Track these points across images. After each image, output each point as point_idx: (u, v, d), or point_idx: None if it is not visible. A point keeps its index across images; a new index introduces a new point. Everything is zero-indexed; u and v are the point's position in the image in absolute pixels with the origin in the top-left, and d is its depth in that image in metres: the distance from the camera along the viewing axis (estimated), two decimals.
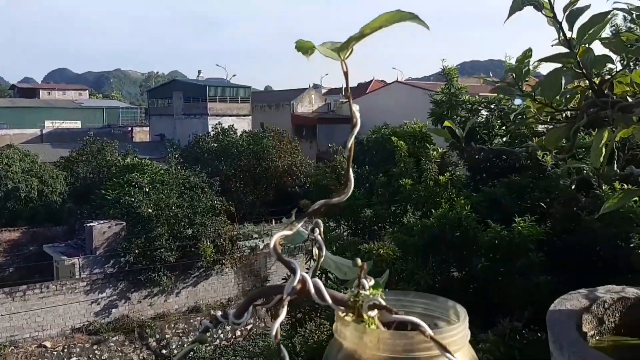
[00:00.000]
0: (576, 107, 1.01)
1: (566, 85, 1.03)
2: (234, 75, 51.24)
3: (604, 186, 4.17)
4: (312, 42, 0.59)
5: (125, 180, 22.34)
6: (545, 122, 1.10)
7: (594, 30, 1.00)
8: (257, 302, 0.65)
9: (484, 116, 8.54)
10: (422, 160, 8.01)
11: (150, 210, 20.81)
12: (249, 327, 22.37)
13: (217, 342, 20.83)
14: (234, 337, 21.69)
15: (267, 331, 21.85)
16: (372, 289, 0.57)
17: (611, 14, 0.98)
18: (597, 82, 0.97)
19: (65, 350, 18.37)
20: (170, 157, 26.49)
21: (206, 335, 0.69)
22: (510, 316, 4.72)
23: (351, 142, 0.57)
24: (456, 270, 6.09)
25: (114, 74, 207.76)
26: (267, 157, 27.93)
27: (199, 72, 42.77)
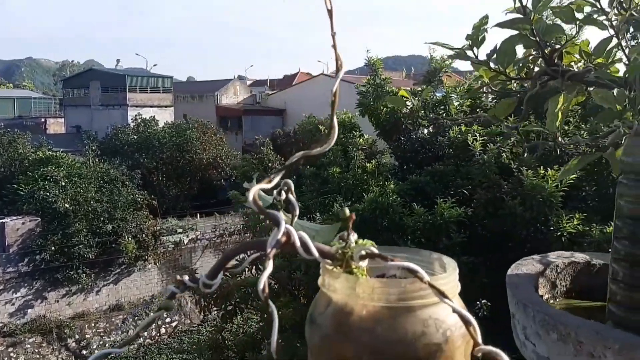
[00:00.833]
0: (528, 76, 1.04)
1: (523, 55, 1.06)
2: (155, 65, 49.77)
3: (524, 171, 4.38)
4: None
5: (39, 174, 21.19)
6: (495, 92, 1.12)
7: None
8: (232, 261, 0.61)
9: (409, 107, 8.74)
10: (350, 148, 8.11)
11: (67, 205, 19.86)
12: (174, 324, 21.89)
13: (141, 340, 20.25)
14: (158, 334, 21.16)
15: (193, 327, 21.45)
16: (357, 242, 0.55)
17: None
18: (547, 52, 1.00)
19: None
20: (87, 149, 25.34)
21: (172, 302, 0.64)
22: None
23: (336, 87, 0.54)
24: None
25: (25, 62, 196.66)
26: (190, 149, 27.31)
27: (118, 61, 41.27)
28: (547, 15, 1.06)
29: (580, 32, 0.98)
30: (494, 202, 5.53)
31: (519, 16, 1.01)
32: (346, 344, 0.49)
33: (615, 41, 1.05)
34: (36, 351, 18.45)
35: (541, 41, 1.00)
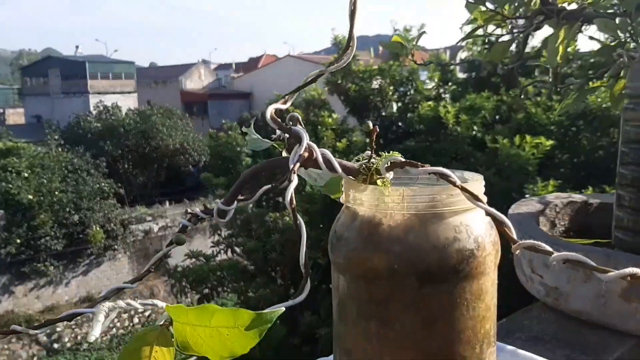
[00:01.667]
0: (524, 15, 1.04)
1: None
2: (116, 50, 48.61)
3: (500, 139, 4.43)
4: None
5: (0, 166, 20.62)
6: (489, 34, 1.12)
7: None
8: (248, 185, 0.59)
9: (378, 84, 8.74)
10: (319, 128, 8.08)
11: (30, 196, 19.41)
12: (147, 313, 21.69)
13: (114, 331, 20.03)
14: (131, 324, 20.97)
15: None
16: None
17: None
18: None
19: None
20: (49, 139, 24.70)
21: (183, 236, 0.62)
22: None
23: None
24: None
25: None
26: (156, 135, 26.87)
27: (77, 47, 40.02)
28: None
29: None
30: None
31: None
32: (377, 254, 0.48)
33: None
34: (5, 347, 18.09)
35: None
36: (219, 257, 7.34)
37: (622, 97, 0.93)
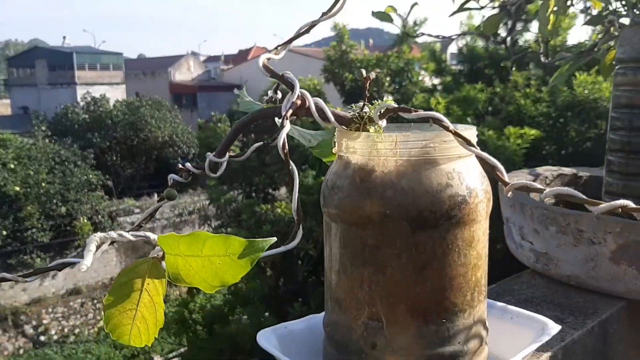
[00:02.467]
0: None
1: None
2: (104, 41, 48.14)
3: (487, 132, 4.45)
4: None
5: None
6: (481, 7, 1.12)
7: None
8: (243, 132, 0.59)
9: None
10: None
11: (17, 188, 19.25)
12: None
13: (101, 323, 19.90)
14: None
15: None
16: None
17: None
18: None
19: None
20: (36, 130, 24.46)
21: (174, 191, 0.62)
22: None
23: None
24: None
25: None
26: (145, 127, 26.70)
27: (64, 38, 39.61)
28: None
29: None
30: None
31: None
32: (369, 200, 0.48)
33: None
34: None
35: None
36: None
37: (613, 67, 0.93)
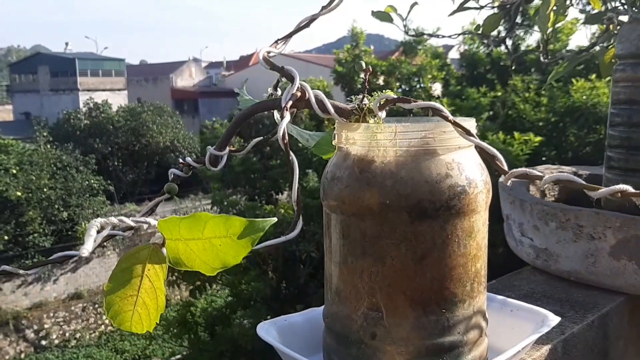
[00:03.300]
0: None
1: None
2: (106, 47, 48.30)
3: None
4: None
5: None
6: (480, 7, 1.13)
7: None
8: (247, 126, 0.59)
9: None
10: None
11: (19, 193, 19.27)
12: None
13: (102, 327, 19.91)
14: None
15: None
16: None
17: None
18: None
19: None
20: (38, 136, 24.52)
21: (175, 185, 0.62)
22: None
23: None
24: None
25: None
26: (146, 133, 26.77)
27: (67, 44, 39.71)
28: None
29: None
30: None
31: None
32: (369, 190, 0.48)
33: None
34: None
35: None
36: None
37: (612, 65, 0.94)
